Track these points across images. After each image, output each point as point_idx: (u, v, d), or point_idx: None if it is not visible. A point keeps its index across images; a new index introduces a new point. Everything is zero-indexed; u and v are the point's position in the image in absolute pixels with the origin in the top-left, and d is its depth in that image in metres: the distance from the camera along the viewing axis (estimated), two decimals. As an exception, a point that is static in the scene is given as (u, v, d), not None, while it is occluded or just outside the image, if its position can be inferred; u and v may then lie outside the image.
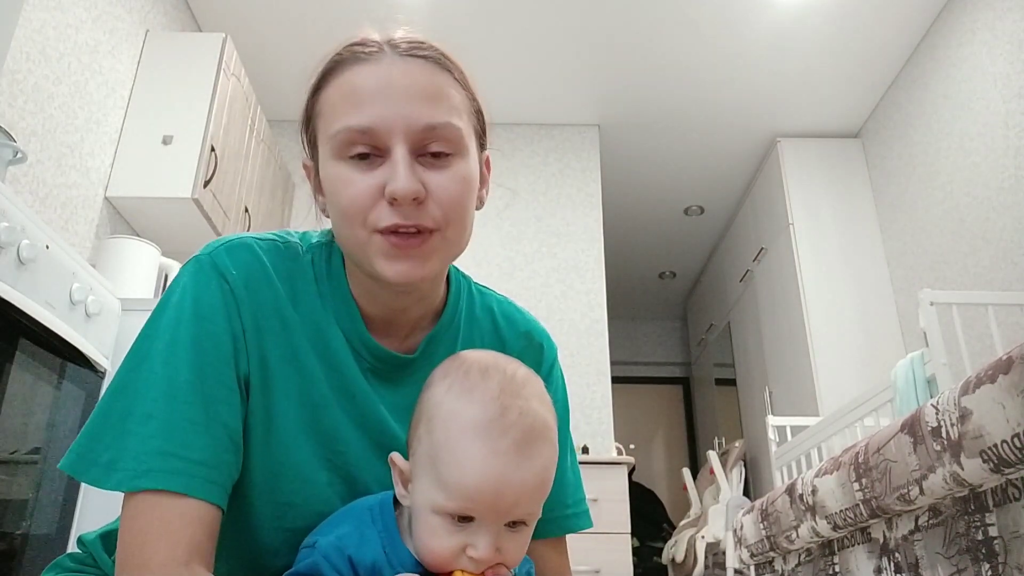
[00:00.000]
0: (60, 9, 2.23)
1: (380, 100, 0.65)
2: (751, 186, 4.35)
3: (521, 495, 0.60)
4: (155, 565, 0.57)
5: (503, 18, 3.23)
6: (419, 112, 0.65)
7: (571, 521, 0.82)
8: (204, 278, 0.68)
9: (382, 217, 0.65)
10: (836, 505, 1.18)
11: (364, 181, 0.65)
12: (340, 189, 0.66)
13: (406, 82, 0.66)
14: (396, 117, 0.65)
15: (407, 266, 0.66)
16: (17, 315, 1.48)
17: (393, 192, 0.63)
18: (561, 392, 0.87)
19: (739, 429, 4.47)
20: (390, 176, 0.64)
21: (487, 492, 0.59)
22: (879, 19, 3.19)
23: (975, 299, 2.14)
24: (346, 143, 0.65)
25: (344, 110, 0.66)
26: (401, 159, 0.64)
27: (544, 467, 0.62)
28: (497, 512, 0.60)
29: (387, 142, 0.65)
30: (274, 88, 3.61)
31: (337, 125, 0.66)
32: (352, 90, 0.67)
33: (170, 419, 0.62)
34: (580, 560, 2.65)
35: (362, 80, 0.67)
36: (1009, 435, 0.76)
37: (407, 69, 0.67)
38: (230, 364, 0.66)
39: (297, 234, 0.77)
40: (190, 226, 2.70)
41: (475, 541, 0.60)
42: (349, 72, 0.68)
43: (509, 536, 0.61)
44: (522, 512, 0.61)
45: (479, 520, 0.60)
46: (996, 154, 2.77)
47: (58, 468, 0.66)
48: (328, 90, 0.69)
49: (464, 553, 0.60)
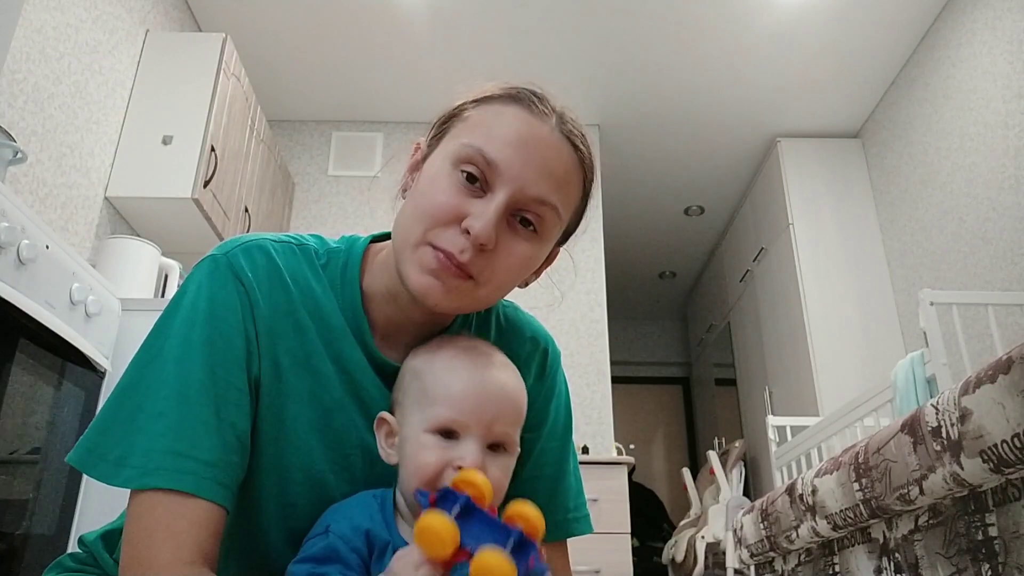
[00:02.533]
0: (60, 9, 2.23)
1: (520, 151, 0.67)
2: (751, 186, 4.35)
3: (501, 404, 0.66)
4: (160, 564, 0.58)
5: (503, 18, 3.23)
6: (539, 184, 0.67)
7: (572, 525, 0.83)
8: (220, 278, 0.68)
9: (443, 237, 0.66)
10: (836, 505, 1.18)
11: (455, 198, 0.66)
12: (434, 190, 0.67)
13: (548, 154, 0.68)
14: (518, 174, 0.67)
15: (433, 287, 0.66)
16: (17, 315, 1.48)
17: (471, 226, 0.65)
18: (564, 396, 0.87)
19: (739, 429, 4.47)
20: (479, 212, 0.65)
21: (471, 396, 0.66)
22: (879, 19, 3.18)
23: (975, 299, 2.14)
24: (466, 159, 0.67)
25: (485, 133, 0.68)
26: (496, 206, 0.65)
27: (518, 388, 0.70)
28: (480, 419, 0.65)
29: (497, 184, 0.67)
30: (274, 88, 3.61)
31: (474, 141, 0.67)
32: (505, 124, 0.68)
33: (181, 419, 0.62)
34: (580, 560, 2.65)
35: (517, 124, 0.68)
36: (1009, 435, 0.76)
37: (557, 146, 0.69)
38: (242, 366, 0.66)
39: (313, 238, 0.77)
40: (190, 226, 2.70)
41: (461, 453, 0.64)
42: (515, 110, 0.70)
43: (492, 459, 0.66)
44: (502, 428, 0.66)
45: (464, 435, 0.65)
46: (996, 154, 2.77)
47: (66, 461, 0.66)
48: (488, 108, 0.71)
49: (450, 467, 0.63)
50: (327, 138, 3.88)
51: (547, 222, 0.69)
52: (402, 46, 3.38)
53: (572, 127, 0.71)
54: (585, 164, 0.72)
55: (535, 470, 0.81)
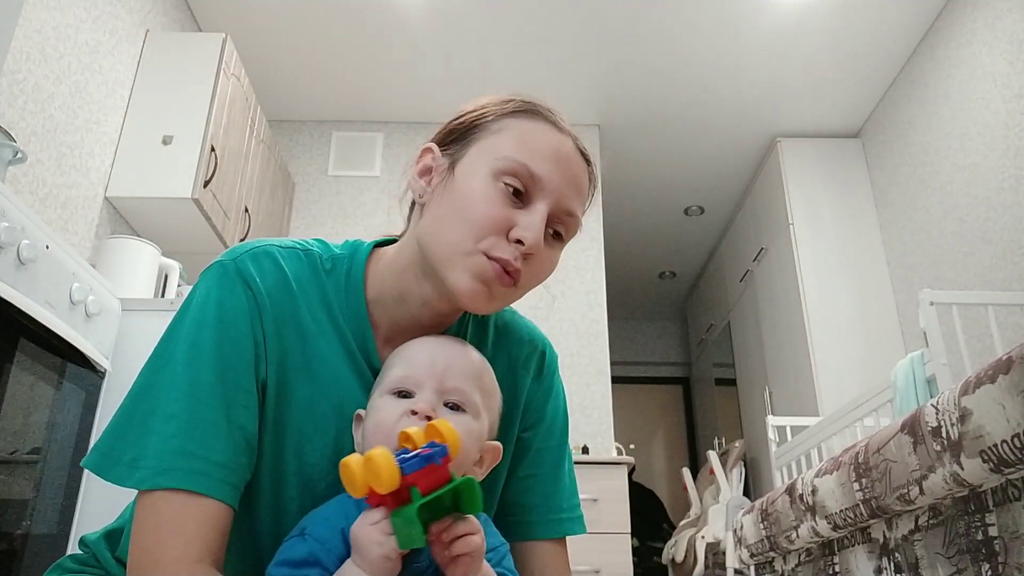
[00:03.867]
0: (60, 9, 2.23)
1: (555, 165, 0.72)
2: (751, 186, 4.35)
3: (453, 362, 0.69)
4: (167, 562, 0.58)
5: (503, 18, 3.23)
6: (571, 198, 0.73)
7: (567, 525, 0.84)
8: (229, 283, 0.69)
9: (499, 247, 0.69)
10: (836, 505, 1.18)
11: (503, 210, 0.70)
12: (480, 203, 0.70)
13: (575, 171, 0.74)
14: (556, 186, 0.72)
15: (485, 292, 0.70)
16: (17, 315, 1.48)
17: (525, 236, 0.69)
18: (562, 398, 0.89)
19: (739, 429, 4.47)
20: (528, 223, 0.70)
21: (422, 353, 0.70)
22: (879, 19, 3.19)
23: (975, 299, 2.14)
24: (511, 172, 0.70)
25: (523, 147, 0.72)
26: (541, 216, 0.70)
27: (477, 357, 0.73)
28: (431, 372, 0.68)
29: (538, 196, 0.71)
30: (274, 88, 3.61)
31: (516, 155, 0.71)
32: (538, 139, 0.73)
33: (192, 420, 0.63)
34: (580, 560, 2.65)
35: (550, 139, 0.73)
36: (1009, 435, 0.76)
37: (580, 162, 0.75)
38: (250, 369, 0.67)
39: (317, 243, 0.78)
40: (190, 226, 2.70)
41: (414, 404, 0.66)
42: (543, 126, 0.74)
43: (447, 413, 0.67)
44: (455, 383, 0.68)
45: (418, 392, 0.67)
46: (996, 154, 2.77)
47: (81, 465, 0.67)
48: (519, 121, 0.74)
49: (406, 415, 0.65)
50: (327, 138, 3.87)
51: (571, 231, 0.75)
52: (402, 46, 3.38)
53: (582, 143, 0.78)
54: (592, 177, 0.78)
55: (533, 468, 0.83)
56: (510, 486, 0.83)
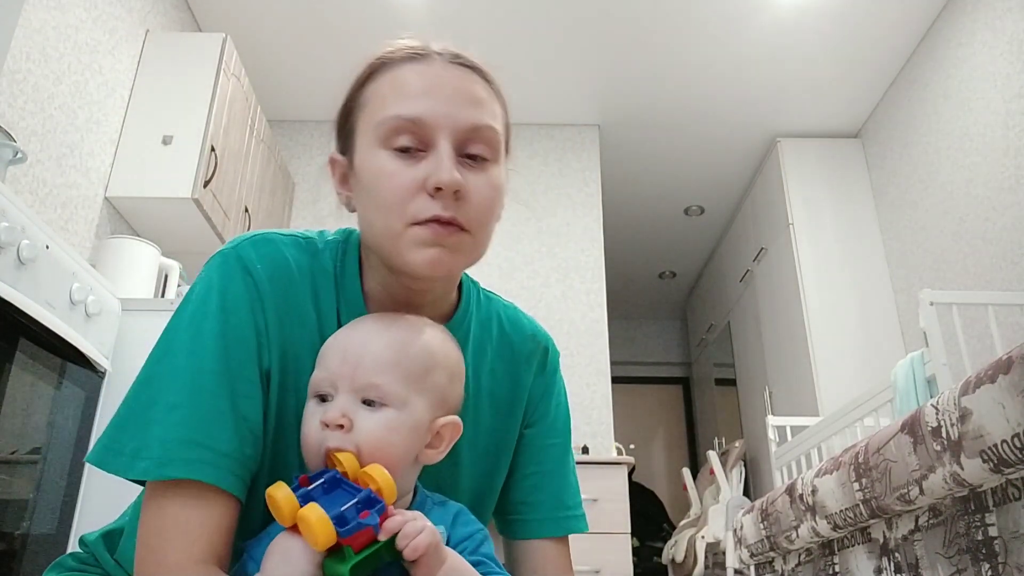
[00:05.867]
0: (60, 9, 2.23)
1: (431, 95, 0.68)
2: (751, 186, 4.35)
3: (364, 354, 0.64)
4: (171, 564, 0.58)
5: (503, 18, 3.23)
6: (466, 112, 0.68)
7: (570, 522, 0.84)
8: (229, 271, 0.68)
9: (422, 209, 0.66)
10: (836, 505, 1.18)
11: (407, 173, 0.67)
12: (382, 179, 0.67)
13: (456, 83, 0.69)
14: (444, 113, 0.67)
15: (437, 256, 0.67)
16: (17, 315, 1.48)
17: (439, 181, 0.65)
18: (563, 396, 0.89)
19: (739, 429, 4.47)
20: (433, 169, 0.66)
21: (335, 350, 0.66)
22: (879, 19, 3.18)
23: (975, 299, 2.14)
24: (393, 131, 0.67)
25: (394, 100, 0.68)
26: (446, 153, 0.67)
27: (398, 338, 0.67)
28: (341, 372, 0.64)
29: (433, 136, 0.67)
30: (274, 88, 3.61)
31: (386, 112, 0.68)
32: (404, 83, 0.69)
33: (196, 409, 0.62)
34: (580, 560, 2.64)
35: (414, 76, 0.69)
36: (1009, 435, 0.76)
37: (457, 74, 0.70)
38: (253, 358, 0.66)
39: (314, 232, 0.78)
40: (190, 226, 2.70)
41: (325, 414, 0.63)
42: (401, 68, 0.70)
43: (365, 412, 0.63)
44: (364, 378, 0.64)
45: (335, 395, 0.64)
46: (996, 154, 2.77)
47: (84, 461, 0.66)
48: (377, 82, 0.71)
49: (323, 428, 0.63)
50: (327, 138, 3.86)
51: (492, 143, 0.70)
52: (402, 46, 3.37)
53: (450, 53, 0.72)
54: (483, 74, 0.73)
55: (539, 466, 0.83)
56: (514, 484, 0.83)
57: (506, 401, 0.82)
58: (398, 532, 0.57)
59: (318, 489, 0.59)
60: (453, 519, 0.68)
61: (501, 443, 0.82)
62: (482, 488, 0.81)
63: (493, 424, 0.81)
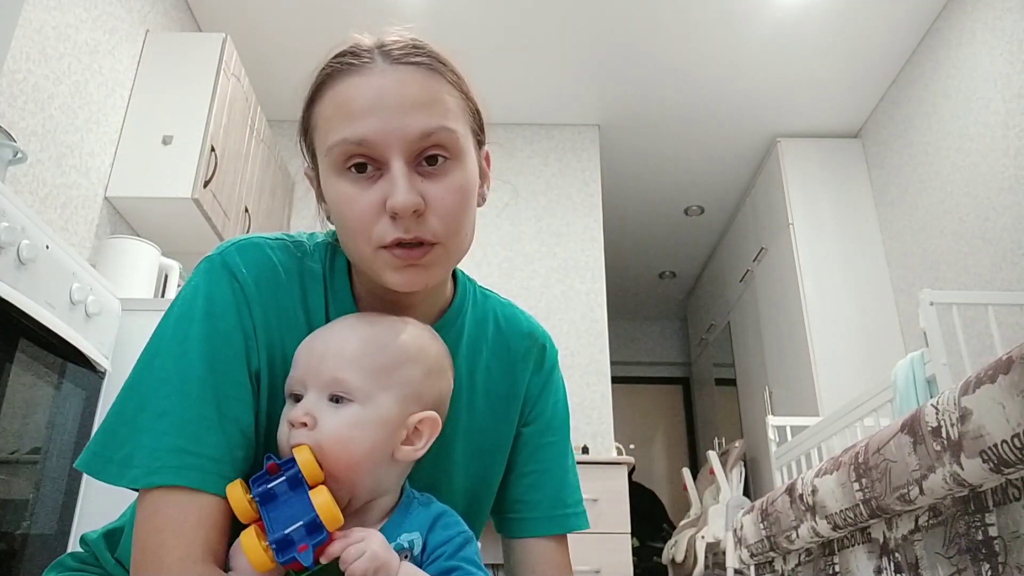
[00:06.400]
0: (60, 9, 2.23)
1: (375, 111, 0.65)
2: (751, 186, 4.35)
3: (327, 351, 0.65)
4: (170, 564, 0.58)
5: (503, 18, 3.23)
6: (413, 121, 0.65)
7: (570, 520, 0.84)
8: (215, 276, 0.69)
9: (385, 233, 0.65)
10: (836, 505, 1.18)
11: (365, 198, 0.65)
12: (343, 206, 0.67)
13: (399, 91, 0.66)
14: (391, 128, 0.65)
15: (412, 276, 0.67)
16: (17, 315, 1.48)
17: (393, 207, 0.64)
18: (562, 393, 0.89)
19: (739, 429, 4.47)
20: (390, 190, 0.64)
21: (305, 349, 0.67)
22: (879, 19, 3.18)
23: (975, 299, 2.14)
24: (343, 156, 0.66)
25: (339, 124, 0.66)
26: (399, 173, 0.64)
27: (362, 335, 0.67)
28: (309, 368, 0.65)
29: (384, 154, 0.65)
30: (274, 88, 3.61)
31: (333, 138, 0.66)
32: (345, 102, 0.66)
33: (183, 416, 0.62)
34: (580, 560, 2.64)
35: (354, 92, 0.66)
36: (1009, 435, 0.76)
37: (399, 78, 0.67)
38: (242, 360, 0.66)
39: (304, 234, 0.78)
40: (190, 226, 2.69)
41: (290, 413, 0.65)
42: (341, 85, 0.67)
43: (330, 410, 0.64)
44: (330, 374, 0.64)
45: (305, 395, 0.65)
46: (996, 154, 2.77)
47: (74, 467, 0.66)
48: (322, 104, 0.69)
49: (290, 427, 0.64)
50: (327, 138, 3.87)
51: (448, 144, 0.67)
52: (402, 46, 3.37)
53: (397, 50, 0.69)
54: (435, 68, 0.69)
55: (540, 464, 0.83)
56: (512, 483, 0.83)
57: (502, 399, 0.82)
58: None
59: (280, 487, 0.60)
60: (433, 522, 0.67)
61: (497, 441, 0.82)
62: (477, 487, 0.81)
63: (489, 422, 0.81)
